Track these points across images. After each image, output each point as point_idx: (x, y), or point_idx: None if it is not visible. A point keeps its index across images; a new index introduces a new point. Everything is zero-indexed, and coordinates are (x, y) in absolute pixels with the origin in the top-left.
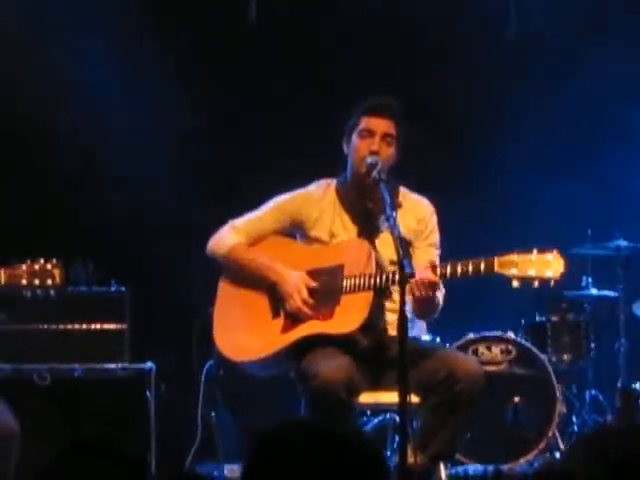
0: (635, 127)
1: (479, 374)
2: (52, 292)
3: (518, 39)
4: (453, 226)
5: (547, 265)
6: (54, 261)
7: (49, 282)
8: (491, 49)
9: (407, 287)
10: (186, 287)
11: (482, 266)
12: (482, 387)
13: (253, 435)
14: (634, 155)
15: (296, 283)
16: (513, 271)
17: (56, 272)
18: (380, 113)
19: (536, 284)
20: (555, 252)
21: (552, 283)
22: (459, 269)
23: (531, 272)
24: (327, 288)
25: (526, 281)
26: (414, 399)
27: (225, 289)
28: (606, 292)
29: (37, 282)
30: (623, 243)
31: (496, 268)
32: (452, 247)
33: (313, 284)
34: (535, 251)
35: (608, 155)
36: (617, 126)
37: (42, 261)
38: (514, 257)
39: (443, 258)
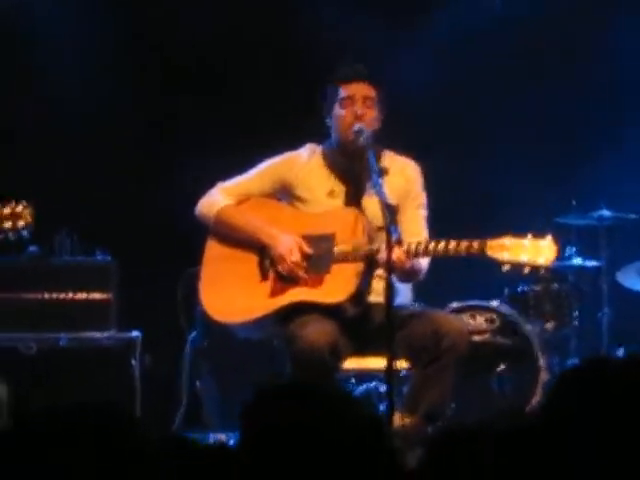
0: (618, 98)
1: (464, 329)
2: (25, 233)
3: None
4: (437, 193)
5: (539, 252)
6: (24, 202)
7: (21, 224)
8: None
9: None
10: (172, 255)
11: (474, 247)
12: (468, 342)
13: (243, 402)
14: (618, 125)
15: (289, 245)
16: (505, 255)
17: (26, 212)
18: (356, 78)
19: (526, 270)
20: (549, 238)
21: (542, 271)
22: (451, 248)
23: (523, 258)
24: (318, 255)
25: (516, 266)
26: (402, 364)
27: (213, 249)
28: (590, 262)
29: (9, 225)
30: (607, 213)
31: (488, 251)
32: (437, 213)
33: (307, 249)
34: (530, 236)
35: (594, 125)
36: (602, 96)
37: (13, 203)
38: (506, 241)
39: (432, 232)
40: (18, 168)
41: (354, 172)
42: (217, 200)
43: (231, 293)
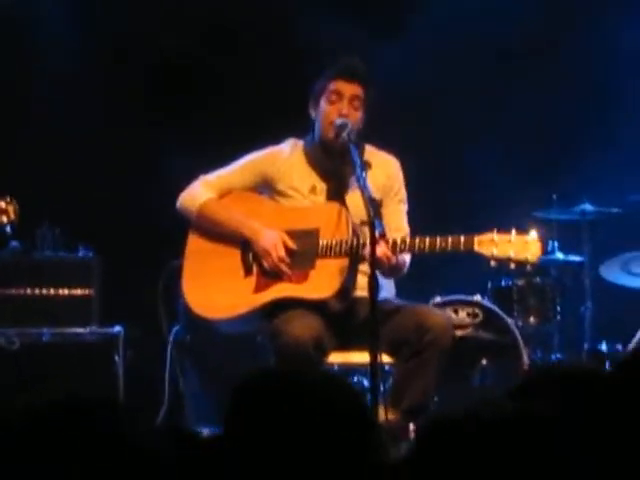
0: (603, 91)
1: (447, 323)
2: (8, 229)
3: None
4: (418, 187)
5: (526, 248)
6: (7, 198)
7: (4, 219)
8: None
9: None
10: (155, 252)
11: (461, 244)
12: (451, 336)
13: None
14: (600, 120)
15: (274, 240)
16: (493, 251)
17: (10, 209)
18: (348, 77)
19: (513, 266)
20: (534, 233)
21: (529, 267)
22: (438, 244)
23: (510, 253)
24: (302, 250)
25: (504, 262)
26: (385, 359)
27: (195, 243)
28: (572, 257)
29: None
30: (589, 207)
31: (476, 247)
32: (419, 207)
33: (292, 244)
34: (514, 231)
35: (575, 120)
36: (585, 91)
37: None
38: (494, 236)
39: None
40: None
41: (335, 169)
42: (199, 194)
43: (214, 288)
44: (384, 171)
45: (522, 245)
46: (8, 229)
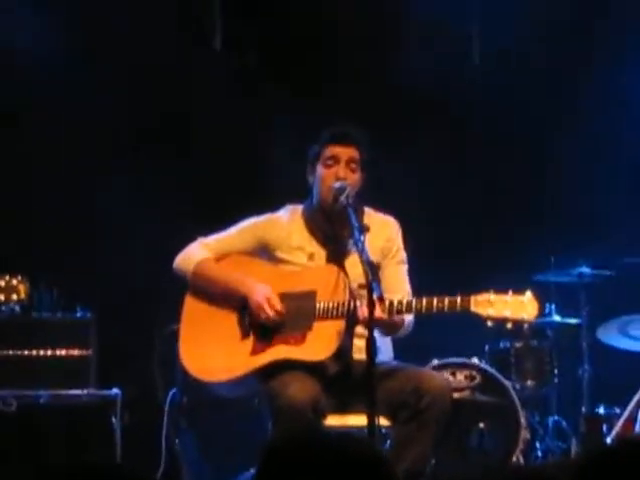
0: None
1: (445, 387)
2: (17, 308)
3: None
4: (416, 248)
5: (522, 307)
6: (19, 277)
7: (14, 297)
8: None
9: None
10: (153, 313)
11: (458, 304)
12: (449, 400)
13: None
14: (599, 182)
15: (266, 294)
16: (489, 311)
17: (21, 288)
18: (342, 141)
19: (510, 325)
20: (529, 294)
21: (526, 327)
22: (434, 304)
23: (507, 313)
24: (299, 312)
25: (500, 321)
26: (383, 422)
27: (192, 306)
28: (570, 319)
29: (2, 298)
30: (586, 270)
31: (472, 307)
32: (416, 269)
33: (280, 305)
34: (510, 292)
35: (573, 183)
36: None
37: (7, 277)
38: (490, 297)
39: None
40: None
41: (335, 233)
42: (195, 254)
43: (211, 351)
44: (383, 233)
45: (518, 305)
46: (17, 308)
